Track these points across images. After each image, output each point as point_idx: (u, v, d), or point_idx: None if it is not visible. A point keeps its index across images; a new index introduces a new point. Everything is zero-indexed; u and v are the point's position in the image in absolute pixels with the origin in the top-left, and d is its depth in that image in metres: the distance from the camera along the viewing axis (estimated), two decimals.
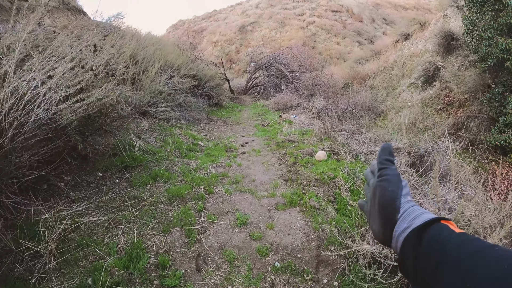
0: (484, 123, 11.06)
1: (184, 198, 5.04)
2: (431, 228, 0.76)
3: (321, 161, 6.90)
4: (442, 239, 0.72)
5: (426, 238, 0.75)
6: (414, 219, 0.80)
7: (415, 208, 0.83)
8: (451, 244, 0.69)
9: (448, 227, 0.74)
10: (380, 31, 54.45)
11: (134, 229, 4.10)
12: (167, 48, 13.43)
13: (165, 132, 8.43)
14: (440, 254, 0.70)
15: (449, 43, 15.08)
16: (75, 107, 4.18)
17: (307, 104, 15.30)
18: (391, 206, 0.85)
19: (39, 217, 3.67)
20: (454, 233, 0.72)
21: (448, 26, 16.03)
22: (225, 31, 54.14)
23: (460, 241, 0.69)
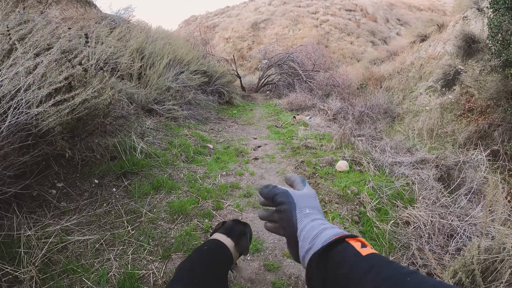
0: (508, 132, 10.45)
1: (189, 215, 4.43)
2: (334, 251, 0.72)
3: (343, 172, 6.26)
4: (348, 265, 0.67)
5: (330, 263, 0.71)
6: (315, 238, 0.77)
7: (314, 224, 0.80)
8: (356, 270, 0.65)
9: (353, 248, 0.70)
10: (394, 32, 53.81)
11: (129, 253, 3.52)
12: (177, 42, 12.86)
13: (171, 132, 7.84)
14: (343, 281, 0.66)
15: (470, 46, 14.40)
16: (56, 109, 3.56)
17: (322, 105, 14.70)
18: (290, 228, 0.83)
19: (21, 234, 3.18)
20: (360, 256, 0.68)
21: (468, 28, 15.33)
22: (238, 27, 53.66)
23: (367, 268, 0.64)
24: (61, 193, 4.18)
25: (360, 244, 0.72)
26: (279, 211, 0.87)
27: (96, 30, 7.54)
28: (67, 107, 3.63)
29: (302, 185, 0.98)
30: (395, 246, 4.10)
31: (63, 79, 3.73)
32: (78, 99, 3.74)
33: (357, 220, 4.70)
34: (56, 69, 3.85)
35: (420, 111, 15.17)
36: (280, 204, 0.87)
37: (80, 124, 4.32)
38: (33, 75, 3.39)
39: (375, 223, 4.47)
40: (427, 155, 6.70)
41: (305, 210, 0.84)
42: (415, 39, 22.76)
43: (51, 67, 3.83)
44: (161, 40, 11.44)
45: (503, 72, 9.95)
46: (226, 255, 2.13)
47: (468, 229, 4.17)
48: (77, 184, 4.46)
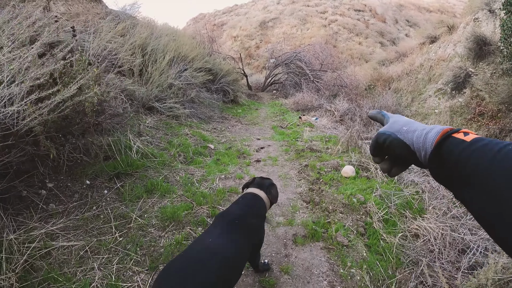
0: None
1: (181, 222, 4.15)
2: (443, 148, 0.78)
3: (349, 178, 5.94)
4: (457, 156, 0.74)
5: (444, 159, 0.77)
6: (424, 145, 0.83)
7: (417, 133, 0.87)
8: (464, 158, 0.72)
9: (457, 139, 0.77)
10: (403, 33, 53.52)
11: (114, 262, 3.28)
12: (182, 39, 12.60)
13: (172, 131, 7.59)
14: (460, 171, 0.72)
15: (481, 48, 14.08)
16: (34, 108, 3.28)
17: (329, 106, 14.45)
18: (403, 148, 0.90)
19: (3, 237, 3.00)
20: (465, 143, 0.74)
21: (480, 30, 14.99)
22: (246, 26, 53.53)
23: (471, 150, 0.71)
24: (51, 194, 4.00)
25: (463, 133, 0.78)
26: (388, 146, 0.94)
27: (100, 25, 7.34)
28: (46, 105, 3.34)
29: (384, 118, 1.07)
30: (402, 261, 3.80)
31: (43, 75, 3.44)
32: (59, 97, 3.45)
33: (363, 232, 4.37)
34: (36, 64, 3.56)
35: (429, 114, 14.87)
36: (384, 142, 0.94)
37: (66, 123, 4.05)
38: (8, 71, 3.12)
39: (382, 235, 4.18)
40: None
41: (402, 129, 0.92)
42: (424, 40, 22.43)
43: (33, 61, 3.55)
44: (166, 37, 11.20)
45: None
46: (261, 202, 3.01)
47: (481, 245, 3.87)
48: (68, 185, 4.28)
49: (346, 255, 3.90)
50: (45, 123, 3.56)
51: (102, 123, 5.05)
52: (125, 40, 8.10)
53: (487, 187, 0.65)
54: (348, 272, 3.62)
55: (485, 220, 0.68)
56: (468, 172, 0.70)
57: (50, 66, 3.58)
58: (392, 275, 3.59)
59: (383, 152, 1.00)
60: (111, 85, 5.74)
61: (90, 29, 6.84)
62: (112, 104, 5.50)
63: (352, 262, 3.76)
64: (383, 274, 3.58)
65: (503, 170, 0.62)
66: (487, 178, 0.65)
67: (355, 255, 3.93)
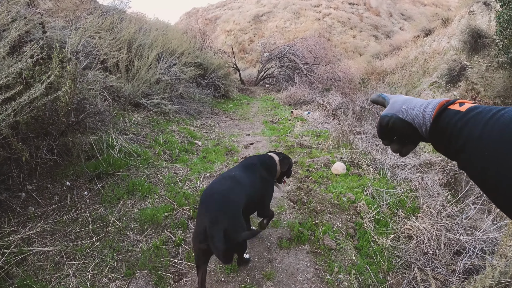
0: None
1: (161, 225, 3.99)
2: (440, 121, 0.84)
3: (339, 176, 5.77)
4: (452, 127, 0.79)
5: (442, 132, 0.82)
6: (423, 120, 0.88)
7: (415, 110, 0.92)
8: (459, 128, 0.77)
9: (453, 111, 0.81)
10: (397, 26, 53.45)
11: (89, 269, 3.15)
12: (171, 33, 12.41)
13: (158, 127, 7.43)
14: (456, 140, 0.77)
15: (476, 41, 14.01)
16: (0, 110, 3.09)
17: (321, 99, 14.27)
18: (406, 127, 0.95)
19: None
20: (460, 114, 0.79)
21: (475, 23, 14.87)
22: (239, 20, 53.32)
23: (466, 120, 0.76)
24: (30, 196, 3.90)
25: (458, 104, 0.82)
26: (392, 127, 0.98)
27: (84, 20, 7.15)
28: (11, 107, 3.15)
29: (385, 100, 1.10)
30: (394, 264, 3.65)
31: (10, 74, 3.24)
32: (24, 97, 3.25)
33: (353, 234, 4.19)
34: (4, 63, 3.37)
35: None
36: (387, 124, 0.99)
37: (40, 124, 3.86)
38: None
39: (373, 237, 4.02)
40: (432, 157, 6.24)
41: (402, 108, 0.97)
42: (419, 33, 22.39)
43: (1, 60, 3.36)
44: (155, 31, 11.00)
45: (510, 69, 9.51)
46: (273, 163, 3.79)
47: (478, 246, 3.71)
48: (48, 186, 4.17)
49: (333, 259, 3.72)
50: (15, 125, 3.39)
51: (83, 122, 4.87)
52: (111, 35, 7.90)
53: (480, 150, 0.70)
54: (335, 278, 3.44)
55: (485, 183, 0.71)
56: (463, 139, 0.75)
57: (18, 65, 3.37)
58: (383, 279, 3.45)
59: (389, 134, 1.04)
60: (92, 82, 5.54)
61: (73, 24, 6.65)
62: (93, 102, 5.31)
63: (340, 267, 3.59)
64: (373, 279, 3.43)
65: (493, 132, 0.67)
66: (479, 142, 0.70)
67: (343, 259, 3.76)
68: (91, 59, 6.35)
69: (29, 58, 3.52)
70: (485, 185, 0.71)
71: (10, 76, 3.25)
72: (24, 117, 3.37)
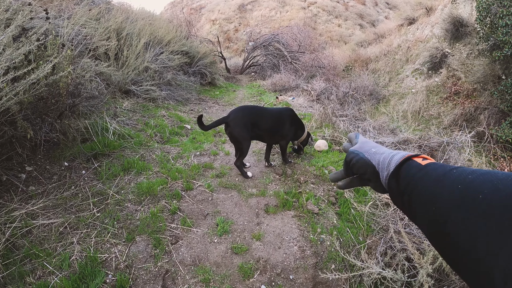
0: (494, 116, 10.28)
1: (156, 196, 4.25)
2: (402, 169, 0.87)
3: (321, 152, 6.09)
4: (411, 177, 0.82)
5: (401, 179, 0.86)
6: (388, 165, 0.92)
7: (385, 155, 0.96)
8: (416, 179, 0.80)
9: (416, 163, 0.85)
10: (382, 15, 53.33)
11: (92, 236, 3.37)
12: (157, 23, 12.54)
13: (148, 113, 7.61)
14: (411, 190, 0.80)
15: (458, 30, 14.21)
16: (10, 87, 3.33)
17: (306, 86, 14.41)
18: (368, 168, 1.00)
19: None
20: (420, 167, 0.82)
21: (457, 12, 15.15)
22: (224, 9, 52.92)
23: (423, 173, 0.79)
24: (31, 177, 4.06)
25: (422, 158, 0.86)
26: (354, 164, 1.04)
27: (74, 10, 7.30)
28: (22, 84, 3.40)
29: (356, 139, 1.17)
30: (373, 228, 3.95)
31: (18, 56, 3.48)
32: (34, 76, 3.51)
33: (334, 202, 4.52)
34: (12, 47, 3.61)
35: (406, 93, 15.02)
36: (352, 159, 1.05)
37: (42, 104, 4.10)
38: None
39: (353, 204, 4.30)
40: (411, 135, 6.54)
41: (371, 150, 1.03)
42: (403, 22, 22.53)
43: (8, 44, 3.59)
44: (142, 21, 11.10)
45: (490, 56, 9.80)
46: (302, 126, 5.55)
47: None
48: (47, 167, 4.33)
49: (316, 222, 4.03)
50: (21, 103, 3.62)
51: (78, 105, 5.09)
52: (99, 24, 8.07)
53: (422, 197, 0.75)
54: (318, 238, 3.76)
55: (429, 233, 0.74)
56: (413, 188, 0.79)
57: (25, 47, 3.62)
58: (362, 241, 3.73)
59: (349, 169, 1.09)
60: (85, 69, 5.76)
61: (64, 14, 6.83)
62: (87, 87, 5.54)
63: (322, 229, 3.90)
64: (353, 240, 3.73)
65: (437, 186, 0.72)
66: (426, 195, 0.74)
67: (325, 222, 4.07)
68: (82, 47, 6.55)
69: (35, 41, 3.77)
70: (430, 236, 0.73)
71: (20, 57, 3.50)
72: (29, 97, 3.62)
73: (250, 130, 4.90)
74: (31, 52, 3.83)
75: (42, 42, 3.93)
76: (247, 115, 4.89)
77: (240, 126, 4.80)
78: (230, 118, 4.77)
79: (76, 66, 5.26)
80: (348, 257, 3.34)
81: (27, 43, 3.72)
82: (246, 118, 4.87)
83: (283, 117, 5.32)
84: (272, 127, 5.16)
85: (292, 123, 5.39)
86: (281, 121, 5.26)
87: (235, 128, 4.75)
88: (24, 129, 3.67)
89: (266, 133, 5.14)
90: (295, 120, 5.47)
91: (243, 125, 4.81)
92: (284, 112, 5.37)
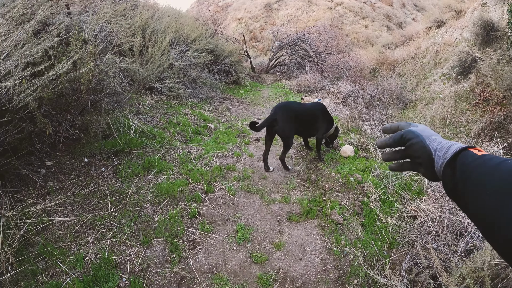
0: None
1: (176, 198, 4.16)
2: (458, 158, 0.87)
3: (348, 158, 5.92)
4: (467, 165, 0.82)
5: (457, 167, 0.86)
6: (445, 153, 0.92)
7: (443, 143, 0.96)
8: (472, 167, 0.80)
9: (472, 153, 0.85)
10: (410, 17, 52.77)
11: (108, 237, 3.32)
12: (183, 20, 12.51)
13: (172, 110, 7.56)
14: (466, 177, 0.81)
15: (488, 34, 13.82)
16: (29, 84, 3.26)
17: (332, 87, 14.22)
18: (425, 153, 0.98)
19: (1, 214, 3.05)
20: (476, 156, 0.83)
21: (487, 16, 14.77)
22: (250, 8, 52.92)
23: (479, 162, 0.80)
24: (50, 172, 4.04)
25: (477, 150, 0.86)
26: (411, 145, 1.02)
27: (99, 6, 7.27)
28: (40, 81, 3.32)
29: (413, 125, 1.12)
30: (398, 242, 3.77)
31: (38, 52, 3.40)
32: (53, 72, 3.43)
33: (359, 211, 4.35)
34: (32, 42, 3.53)
35: (433, 98, 14.71)
36: (410, 140, 1.03)
37: (63, 100, 4.03)
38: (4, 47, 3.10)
39: (379, 215, 4.15)
40: None
41: (431, 137, 1.01)
42: (431, 24, 22.11)
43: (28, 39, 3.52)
44: (168, 18, 11.08)
45: None
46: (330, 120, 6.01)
47: None
48: (66, 163, 4.32)
49: (340, 233, 3.88)
50: (40, 99, 3.55)
51: (101, 101, 5.04)
52: (125, 21, 8.03)
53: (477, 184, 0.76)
54: (342, 251, 3.60)
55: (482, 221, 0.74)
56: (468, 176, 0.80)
57: (44, 43, 3.54)
58: (387, 255, 3.57)
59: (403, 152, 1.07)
60: (109, 65, 5.70)
61: (89, 10, 6.79)
62: (110, 83, 5.48)
63: (346, 241, 3.74)
64: (378, 254, 3.56)
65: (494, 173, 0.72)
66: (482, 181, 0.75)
67: (349, 233, 3.91)
68: (107, 43, 6.50)
69: (56, 37, 3.69)
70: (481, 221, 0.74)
71: (39, 53, 3.42)
72: (48, 93, 3.54)
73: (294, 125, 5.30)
74: (52, 47, 3.75)
75: (63, 38, 3.84)
76: (290, 111, 5.21)
77: (288, 122, 5.15)
78: (278, 115, 5.07)
79: (99, 62, 5.20)
80: (372, 273, 3.18)
81: (47, 38, 3.64)
82: (291, 114, 5.20)
83: (317, 112, 5.74)
84: (309, 121, 5.61)
85: (324, 117, 5.84)
86: (315, 116, 5.68)
87: (284, 124, 5.09)
88: (43, 125, 3.60)
89: (304, 127, 5.60)
90: (327, 115, 5.92)
91: (290, 121, 5.17)
92: (317, 107, 5.83)
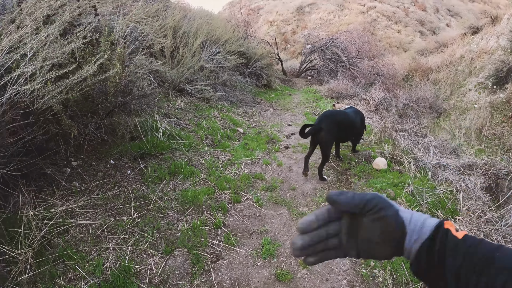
0: None
1: (201, 207, 4.06)
2: (437, 238, 0.75)
3: (380, 171, 5.72)
4: (450, 250, 0.72)
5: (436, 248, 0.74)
6: (421, 229, 0.77)
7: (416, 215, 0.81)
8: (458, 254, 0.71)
9: (450, 233, 0.75)
10: (444, 23, 52.06)
11: (129, 243, 3.23)
12: (215, 22, 12.50)
13: (201, 113, 7.51)
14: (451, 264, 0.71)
15: None
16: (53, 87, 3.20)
17: (364, 94, 14.00)
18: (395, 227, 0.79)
19: (23, 214, 3.07)
20: (456, 239, 0.73)
21: None
22: (282, 10, 52.91)
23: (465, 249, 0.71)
24: (75, 172, 4.03)
25: (454, 228, 0.76)
26: (379, 218, 0.78)
27: (131, 7, 7.28)
28: (64, 84, 3.26)
29: None
30: None
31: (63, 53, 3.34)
32: (78, 75, 3.36)
33: None
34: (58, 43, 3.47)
35: (468, 108, 14.33)
36: (375, 205, 0.79)
37: (89, 102, 3.98)
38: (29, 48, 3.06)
39: None
40: (475, 159, 6.06)
41: (401, 208, 0.83)
42: (466, 31, 21.65)
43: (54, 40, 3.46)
44: (199, 19, 11.10)
45: None
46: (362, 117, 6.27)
47: None
48: (92, 163, 4.31)
49: None
50: (65, 102, 3.51)
51: (129, 103, 4.98)
52: (157, 22, 8.03)
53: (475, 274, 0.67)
54: (370, 273, 3.43)
55: None
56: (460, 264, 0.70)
57: (71, 45, 3.48)
58: (417, 279, 3.39)
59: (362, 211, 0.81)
60: (139, 66, 5.66)
61: (120, 11, 6.79)
62: (139, 85, 5.43)
63: (375, 262, 3.57)
64: (408, 278, 3.38)
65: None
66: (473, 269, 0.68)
67: None
68: (138, 44, 6.48)
69: (82, 38, 3.62)
70: None
71: (64, 54, 3.35)
72: (74, 95, 3.48)
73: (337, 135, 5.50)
74: (78, 49, 3.69)
75: (89, 39, 3.77)
76: (336, 121, 5.33)
77: (332, 133, 5.23)
78: (324, 125, 5.14)
79: (129, 63, 5.15)
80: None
81: (73, 40, 3.57)
82: (336, 124, 5.30)
83: (357, 118, 5.99)
84: (351, 128, 5.81)
85: (362, 124, 6.16)
86: (355, 122, 5.89)
87: (328, 134, 5.16)
88: (68, 127, 3.55)
89: (345, 133, 5.81)
90: (363, 121, 6.26)
91: (334, 131, 5.26)
92: (357, 113, 6.14)
